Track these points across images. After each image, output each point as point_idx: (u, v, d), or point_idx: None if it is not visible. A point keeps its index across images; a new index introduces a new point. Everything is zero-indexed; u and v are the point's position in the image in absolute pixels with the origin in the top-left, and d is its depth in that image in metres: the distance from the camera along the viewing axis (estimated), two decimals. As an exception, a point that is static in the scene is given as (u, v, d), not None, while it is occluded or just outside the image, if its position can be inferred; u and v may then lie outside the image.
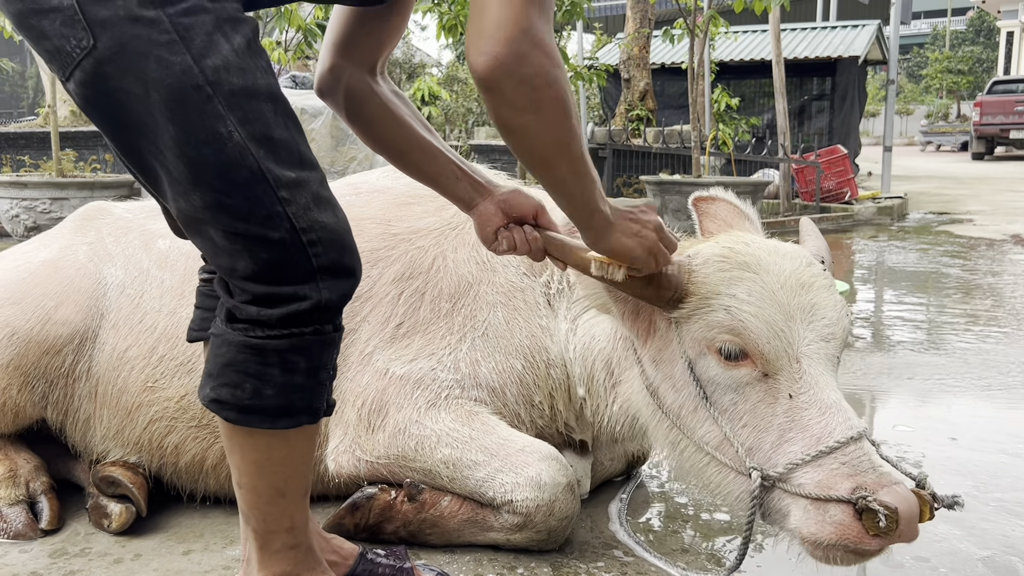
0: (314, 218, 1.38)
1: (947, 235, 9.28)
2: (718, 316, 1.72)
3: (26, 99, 31.94)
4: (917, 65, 41.12)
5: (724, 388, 1.75)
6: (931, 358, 4.27)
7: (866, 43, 15.37)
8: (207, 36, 1.29)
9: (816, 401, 1.67)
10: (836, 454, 1.61)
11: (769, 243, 1.87)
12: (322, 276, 1.41)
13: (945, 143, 29.33)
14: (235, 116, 1.30)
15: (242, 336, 1.41)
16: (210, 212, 1.34)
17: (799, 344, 1.71)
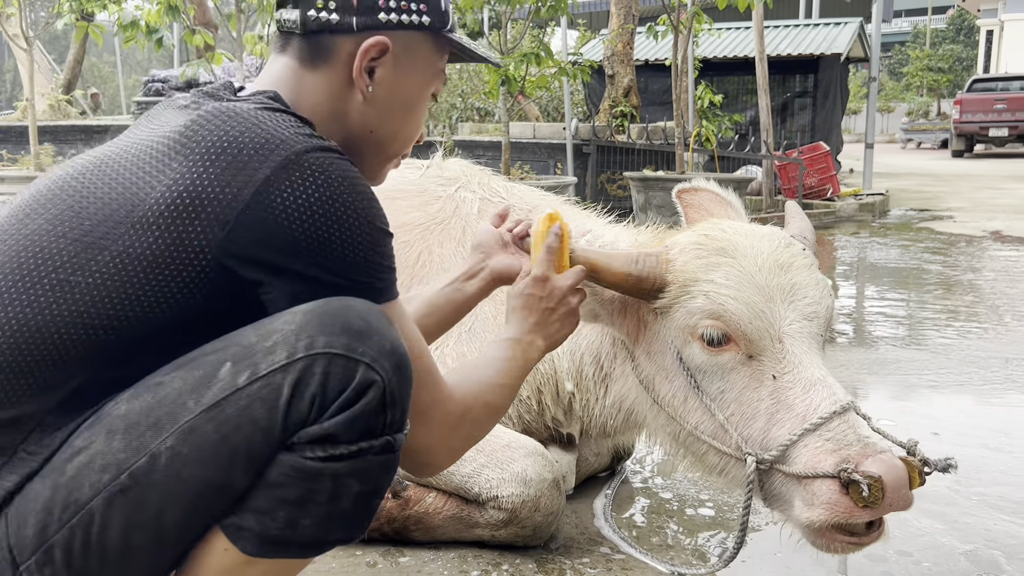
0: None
1: (928, 231, 9.35)
2: (697, 302, 1.73)
3: (4, 93, 31.56)
4: (898, 63, 41.39)
5: (711, 375, 1.75)
6: (913, 353, 4.30)
7: (848, 41, 15.44)
8: None
9: (800, 379, 1.68)
10: (820, 430, 1.61)
11: (747, 227, 1.87)
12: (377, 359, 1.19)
13: (925, 140, 29.55)
14: None
15: (296, 460, 1.14)
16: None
17: (781, 324, 1.71)
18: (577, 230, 2.30)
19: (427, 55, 1.42)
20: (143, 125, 1.34)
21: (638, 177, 8.73)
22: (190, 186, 1.17)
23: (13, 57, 15.63)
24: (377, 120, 1.41)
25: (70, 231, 1.20)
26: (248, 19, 8.29)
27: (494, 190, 2.51)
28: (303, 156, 1.19)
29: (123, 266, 1.18)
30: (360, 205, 1.22)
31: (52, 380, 1.17)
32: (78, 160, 1.32)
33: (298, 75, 1.37)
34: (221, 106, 1.25)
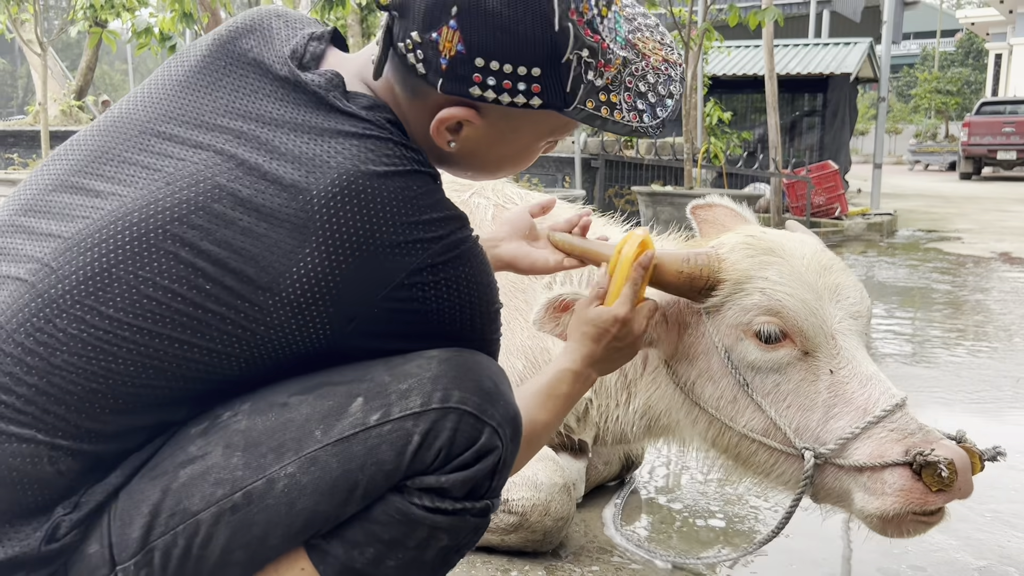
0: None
1: (936, 252, 9.33)
2: (754, 299, 1.71)
3: (16, 98, 31.77)
4: (907, 85, 41.47)
5: (765, 371, 1.74)
6: (922, 371, 4.28)
7: (858, 61, 15.48)
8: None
9: (856, 374, 1.68)
10: (883, 423, 1.63)
11: (783, 232, 1.89)
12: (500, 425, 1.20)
13: (933, 163, 29.54)
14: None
15: (404, 504, 1.15)
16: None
17: (831, 321, 1.72)
18: (597, 236, 2.29)
19: (540, 123, 1.24)
20: (237, 97, 1.18)
21: (646, 192, 8.73)
22: (322, 280, 1.10)
23: (27, 63, 15.74)
24: (466, 164, 1.30)
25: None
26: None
27: (508, 197, 2.51)
28: (438, 258, 1.15)
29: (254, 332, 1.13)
30: (484, 296, 1.22)
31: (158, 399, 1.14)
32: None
33: (396, 95, 1.22)
34: (363, 169, 1.11)
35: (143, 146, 1.17)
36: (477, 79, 1.12)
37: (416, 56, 1.13)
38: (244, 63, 1.21)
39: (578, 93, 1.16)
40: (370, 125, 1.15)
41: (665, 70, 1.26)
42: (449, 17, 1.09)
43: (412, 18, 1.12)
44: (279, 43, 1.22)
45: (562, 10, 1.10)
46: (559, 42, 1.11)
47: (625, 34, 1.24)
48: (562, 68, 1.13)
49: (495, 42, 1.10)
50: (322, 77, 1.17)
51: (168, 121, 1.18)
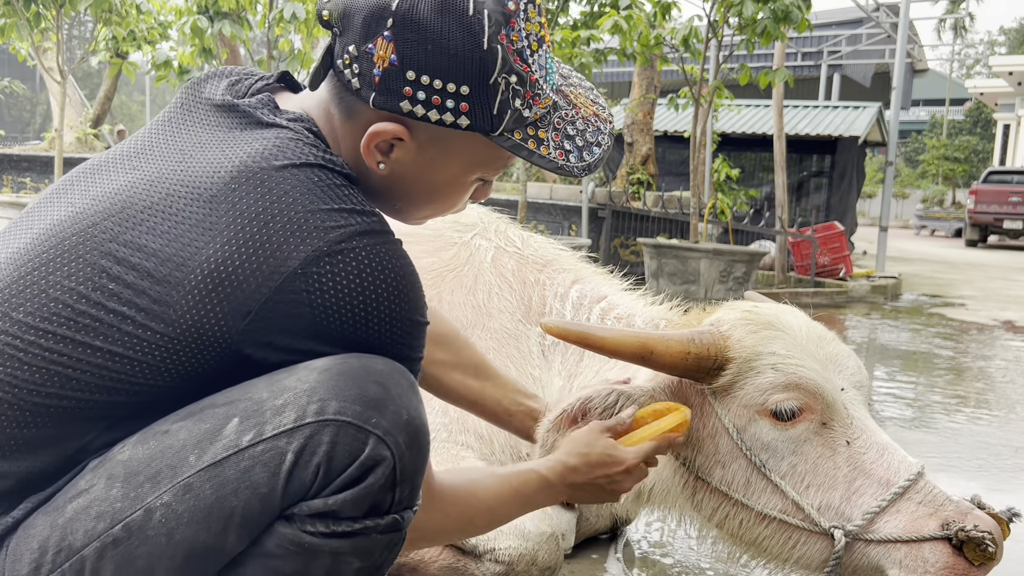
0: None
1: (940, 317, 9.31)
2: (767, 377, 1.66)
3: (34, 124, 32.19)
4: (915, 151, 41.80)
5: (782, 451, 1.68)
6: (922, 435, 4.24)
7: (866, 124, 15.64)
8: None
9: (873, 444, 1.65)
10: (909, 494, 1.59)
11: (774, 304, 1.87)
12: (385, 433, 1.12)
13: (939, 228, 29.64)
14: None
15: (295, 533, 1.08)
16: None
17: (839, 391, 1.69)
18: (593, 296, 2.28)
19: (468, 148, 1.24)
20: (182, 129, 1.25)
21: (652, 244, 8.76)
22: (222, 265, 1.09)
23: (47, 90, 15.98)
24: (396, 192, 1.29)
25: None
26: (278, 65, 8.47)
27: (510, 239, 2.51)
28: (336, 246, 1.10)
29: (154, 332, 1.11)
30: (396, 300, 1.14)
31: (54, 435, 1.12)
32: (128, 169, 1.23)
33: (330, 115, 1.25)
34: (264, 164, 1.14)
35: (89, 176, 1.25)
36: (408, 92, 1.16)
37: (352, 71, 1.18)
38: (198, 101, 1.27)
39: (504, 118, 1.19)
40: (286, 130, 1.19)
41: (595, 122, 1.30)
42: (384, 28, 1.14)
43: (351, 32, 1.16)
44: (227, 82, 1.30)
45: (492, 32, 1.14)
46: (487, 61, 1.15)
47: (557, 81, 1.30)
48: (490, 89, 1.17)
49: (426, 55, 1.14)
50: (255, 99, 1.24)
51: (118, 157, 1.26)
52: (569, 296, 2.30)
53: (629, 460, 1.49)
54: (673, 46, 8.77)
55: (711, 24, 8.45)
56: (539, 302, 2.33)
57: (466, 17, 1.13)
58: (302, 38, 8.36)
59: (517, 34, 1.17)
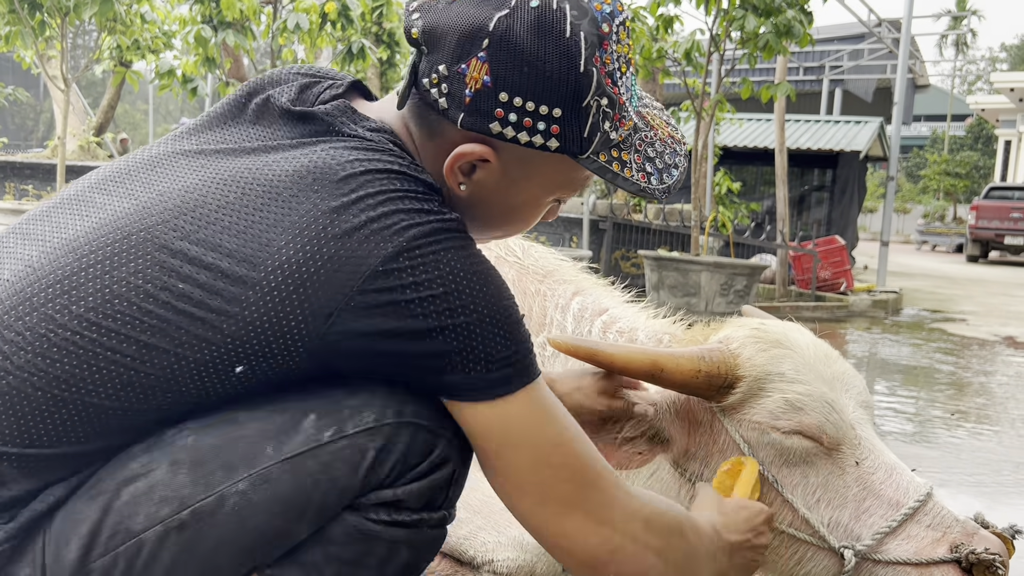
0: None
1: (940, 332, 9.30)
2: (775, 397, 1.66)
3: (37, 132, 32.30)
4: (916, 166, 41.90)
5: (791, 467, 1.68)
6: (922, 450, 4.23)
7: (868, 139, 15.68)
8: None
9: (881, 465, 1.64)
10: (918, 515, 1.58)
11: (774, 321, 1.86)
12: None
13: (940, 243, 29.66)
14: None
15: (360, 521, 1.13)
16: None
17: (848, 412, 1.68)
18: (594, 308, 2.26)
19: (551, 169, 1.22)
20: (253, 130, 1.21)
21: (652, 256, 8.77)
22: (304, 265, 1.06)
23: (50, 98, 16.04)
24: (474, 211, 1.26)
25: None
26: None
27: (510, 249, 2.51)
28: (415, 242, 1.08)
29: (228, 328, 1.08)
30: (479, 288, 1.11)
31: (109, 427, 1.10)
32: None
33: (412, 133, 1.22)
34: (345, 168, 1.11)
35: (149, 169, 1.19)
36: (499, 114, 1.13)
37: (441, 90, 1.14)
38: (261, 106, 1.24)
39: (594, 141, 1.17)
40: (368, 141, 1.16)
41: (671, 144, 1.30)
42: (480, 49, 1.11)
43: (442, 51, 1.13)
44: (296, 87, 1.25)
45: (588, 55, 1.12)
46: (582, 84, 1.13)
47: (637, 102, 1.28)
48: (582, 112, 1.15)
49: (521, 77, 1.11)
50: (331, 106, 1.20)
51: (180, 153, 1.21)
52: (570, 308, 2.29)
53: (768, 512, 1.52)
54: (675, 59, 8.81)
55: (713, 38, 8.48)
56: (540, 313, 2.32)
57: (563, 39, 1.11)
58: (305, 48, 8.40)
59: (609, 56, 1.15)
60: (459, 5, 1.13)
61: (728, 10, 8.23)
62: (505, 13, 1.10)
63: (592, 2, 1.14)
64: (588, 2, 1.14)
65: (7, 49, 8.91)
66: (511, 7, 1.11)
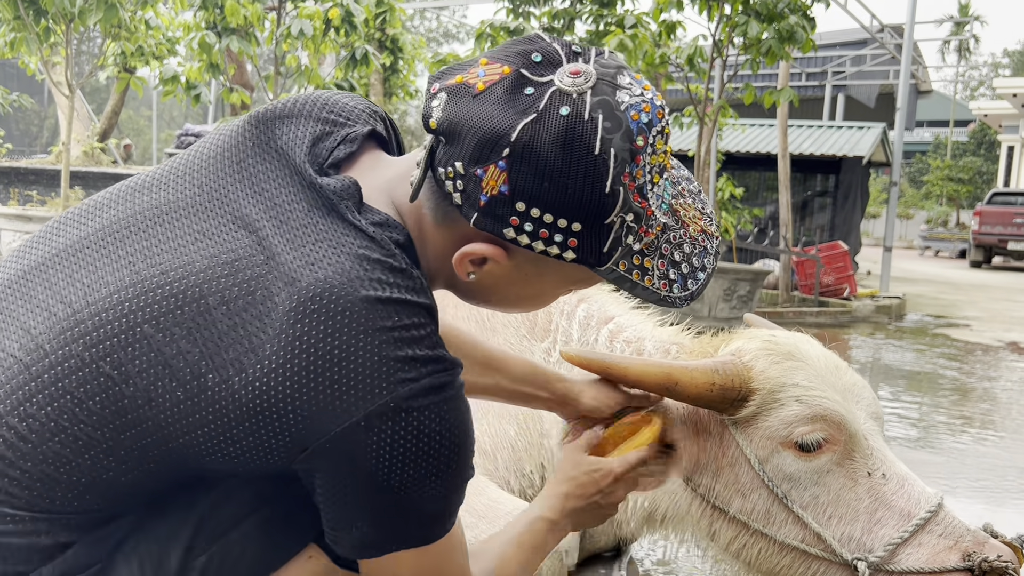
0: None
1: (944, 338, 9.28)
2: (792, 409, 1.65)
3: (42, 138, 32.36)
4: (919, 171, 41.85)
5: (804, 482, 1.67)
6: (926, 456, 4.22)
7: (871, 145, 15.67)
8: None
9: (893, 475, 1.64)
10: (930, 526, 1.59)
11: (783, 332, 1.85)
12: None
13: (944, 249, 29.60)
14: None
15: None
16: None
17: (860, 422, 1.68)
18: (600, 316, 2.25)
19: (566, 272, 1.16)
20: (257, 184, 1.15)
21: (656, 262, 8.76)
22: (280, 397, 1.03)
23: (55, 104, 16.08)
24: (483, 296, 1.24)
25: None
26: (285, 81, 8.52)
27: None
28: (403, 403, 1.04)
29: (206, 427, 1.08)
30: (450, 465, 1.09)
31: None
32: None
33: (422, 216, 1.16)
34: (347, 290, 1.04)
35: (156, 224, 1.14)
36: (514, 222, 1.07)
37: (455, 185, 1.08)
38: (272, 149, 1.18)
39: (614, 255, 1.12)
40: (372, 244, 1.09)
41: (702, 241, 1.23)
42: (499, 157, 1.04)
43: (460, 148, 1.06)
44: (308, 136, 1.18)
45: (616, 173, 1.05)
46: (607, 204, 1.06)
47: (670, 199, 1.21)
48: (604, 228, 1.08)
49: (541, 191, 1.04)
50: (339, 183, 1.12)
51: (185, 206, 1.15)
52: (576, 315, 2.28)
53: (616, 469, 1.47)
54: (678, 65, 8.81)
55: (716, 44, 8.49)
56: (544, 318, 2.32)
57: (591, 157, 1.03)
58: (309, 54, 8.40)
59: (641, 170, 1.08)
60: (482, 103, 1.05)
61: (731, 16, 8.23)
62: (531, 120, 1.03)
63: (629, 111, 1.06)
64: (625, 111, 1.06)
65: (12, 55, 8.93)
66: (538, 112, 1.04)
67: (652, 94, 1.10)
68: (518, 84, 1.06)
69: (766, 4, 8.04)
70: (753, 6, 8.09)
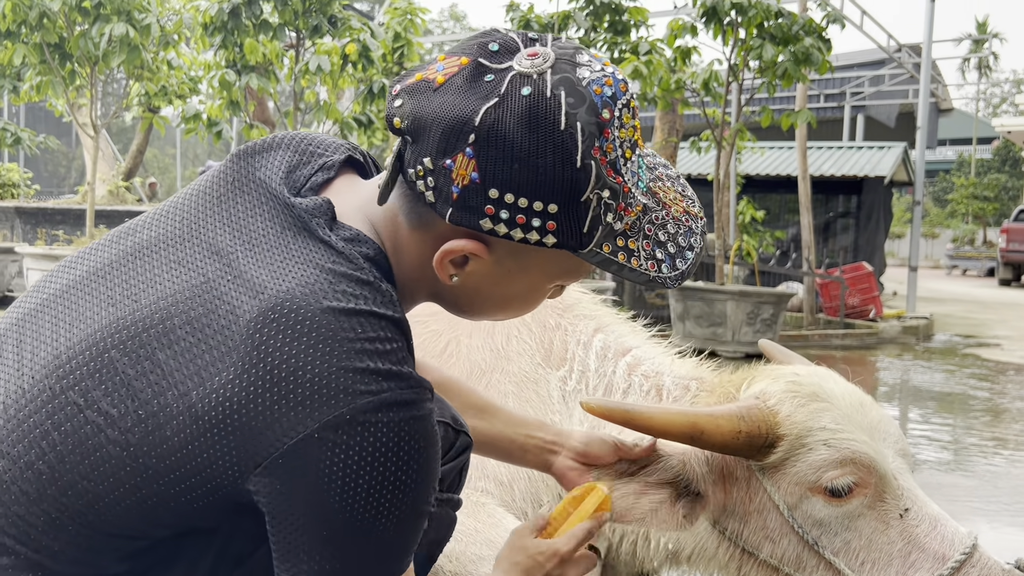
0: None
1: (974, 358, 9.12)
2: (820, 454, 1.61)
3: (69, 179, 32.97)
4: (943, 190, 41.46)
5: (835, 528, 1.63)
6: (958, 479, 4.12)
7: (892, 165, 15.56)
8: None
9: (925, 516, 1.60)
10: (965, 568, 1.54)
11: (805, 368, 1.81)
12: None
13: (971, 268, 29.23)
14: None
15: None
16: None
17: (888, 462, 1.64)
18: (617, 348, 2.22)
19: (550, 261, 1.15)
20: (233, 216, 1.16)
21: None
22: (235, 407, 1.01)
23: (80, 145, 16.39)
24: (468, 301, 1.21)
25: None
26: (304, 117, 8.62)
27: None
28: (361, 416, 1.01)
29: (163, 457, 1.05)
30: (407, 489, 1.04)
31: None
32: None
33: (396, 221, 1.15)
34: (310, 301, 1.04)
35: (136, 259, 1.16)
36: (489, 211, 1.05)
37: (426, 183, 1.07)
38: (251, 181, 1.19)
39: (595, 235, 1.10)
40: (340, 258, 1.08)
41: (686, 221, 1.22)
42: (466, 144, 1.03)
43: (426, 143, 1.06)
44: (284, 164, 1.20)
45: (585, 147, 1.04)
46: (580, 179, 1.05)
47: (647, 181, 1.20)
48: (580, 207, 1.06)
49: (512, 174, 1.03)
50: (312, 202, 1.13)
51: (164, 241, 1.17)
52: (592, 345, 2.25)
53: (562, 549, 1.40)
54: (694, 90, 8.82)
55: (731, 67, 8.49)
56: (560, 347, 2.30)
57: (557, 132, 1.03)
58: (328, 90, 8.51)
59: (611, 144, 1.07)
60: (443, 94, 1.06)
61: (745, 40, 8.25)
62: (493, 103, 1.03)
63: (591, 86, 1.06)
64: (587, 86, 1.06)
65: (39, 98, 9.13)
66: (500, 96, 1.04)
67: (613, 69, 1.09)
68: (477, 72, 1.06)
69: (781, 27, 8.05)
70: (768, 29, 8.10)
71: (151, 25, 7.93)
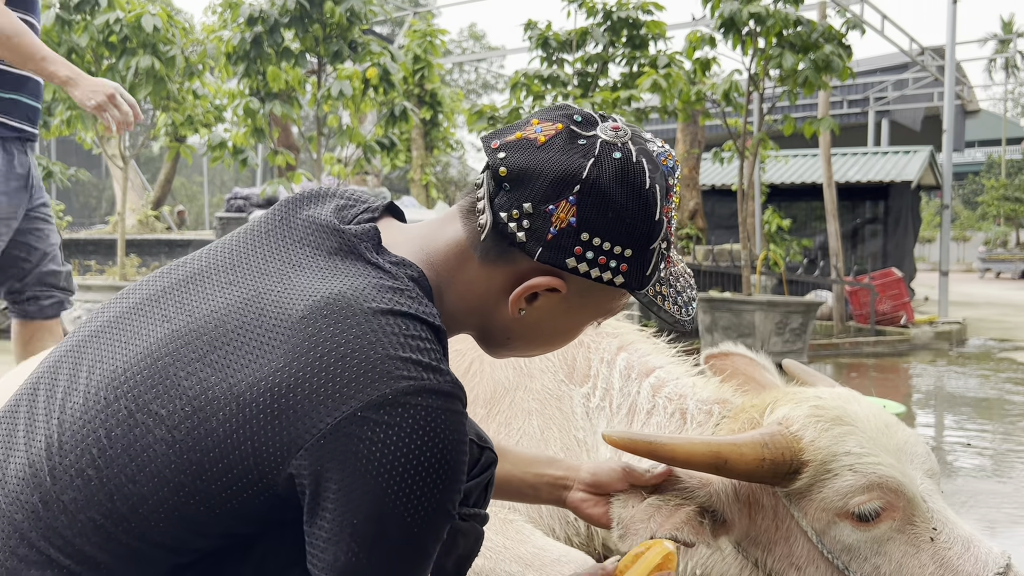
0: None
1: (1010, 362, 8.97)
2: (847, 479, 1.60)
3: (100, 210, 33.52)
4: (973, 192, 40.92)
5: (865, 553, 1.62)
6: (996, 486, 4.05)
7: (918, 169, 15.40)
8: None
9: (957, 538, 1.58)
10: None
11: (828, 391, 1.80)
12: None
13: (1004, 270, 28.77)
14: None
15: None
16: None
17: (917, 484, 1.63)
18: (641, 368, 2.22)
19: (603, 300, 1.31)
20: (281, 247, 1.26)
21: (704, 298, 8.67)
22: (281, 392, 1.08)
23: (110, 177, 16.68)
24: (519, 334, 1.33)
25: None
26: (328, 141, 8.72)
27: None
28: (401, 397, 1.07)
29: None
30: (436, 478, 1.09)
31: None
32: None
33: (464, 256, 1.26)
34: (358, 302, 1.13)
35: (189, 284, 1.26)
36: (577, 251, 1.21)
37: (521, 225, 1.21)
38: (298, 220, 1.30)
39: (652, 278, 1.28)
40: (387, 275, 1.19)
41: (686, 277, 1.42)
42: (571, 193, 1.19)
43: (530, 190, 1.20)
44: (333, 205, 1.33)
45: (660, 204, 1.24)
46: (654, 230, 1.24)
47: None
48: (648, 253, 1.25)
49: (604, 221, 1.20)
50: (360, 228, 1.25)
51: (216, 267, 1.27)
52: (616, 364, 2.25)
53: None
54: (715, 101, 8.81)
55: (751, 77, 8.47)
56: (584, 364, 2.30)
57: (643, 190, 1.22)
58: (350, 114, 8.61)
59: (669, 206, 1.28)
60: (548, 151, 1.21)
61: (765, 49, 8.23)
62: (592, 162, 1.20)
63: (660, 156, 1.27)
64: (657, 156, 1.26)
65: (69, 132, 9.32)
66: (595, 156, 1.20)
67: (668, 147, 1.31)
68: (572, 136, 1.23)
69: (800, 35, 8.03)
70: (787, 38, 8.08)
71: (176, 57, 8.09)
